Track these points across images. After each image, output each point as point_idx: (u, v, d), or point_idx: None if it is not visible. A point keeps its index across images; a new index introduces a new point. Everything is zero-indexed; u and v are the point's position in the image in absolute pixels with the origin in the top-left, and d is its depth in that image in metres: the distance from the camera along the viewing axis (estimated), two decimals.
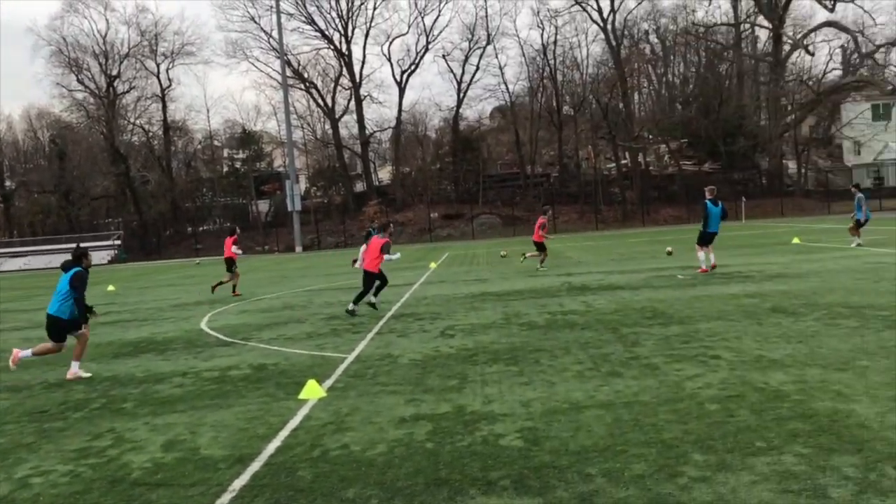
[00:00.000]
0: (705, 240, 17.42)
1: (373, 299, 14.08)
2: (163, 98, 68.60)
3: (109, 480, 5.45)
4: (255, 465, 5.55)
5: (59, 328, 9.52)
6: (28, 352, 9.71)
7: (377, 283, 14.06)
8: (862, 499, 4.22)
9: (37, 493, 5.30)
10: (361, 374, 8.57)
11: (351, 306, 13.81)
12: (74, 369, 9.54)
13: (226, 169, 75.11)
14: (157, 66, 68.31)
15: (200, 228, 68.76)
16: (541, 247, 22.04)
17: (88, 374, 9.60)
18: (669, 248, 23.16)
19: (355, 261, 21.25)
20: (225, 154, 77.83)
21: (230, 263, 19.92)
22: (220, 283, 20.47)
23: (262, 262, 42.63)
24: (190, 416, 7.22)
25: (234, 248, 19.94)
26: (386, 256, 13.65)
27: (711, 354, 8.27)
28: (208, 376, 9.10)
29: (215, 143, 76.92)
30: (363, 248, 16.64)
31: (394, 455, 5.56)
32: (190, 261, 50.92)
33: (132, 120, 70.92)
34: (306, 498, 4.85)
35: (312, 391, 7.58)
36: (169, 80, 68.74)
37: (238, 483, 5.19)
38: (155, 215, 68.06)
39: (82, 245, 13.19)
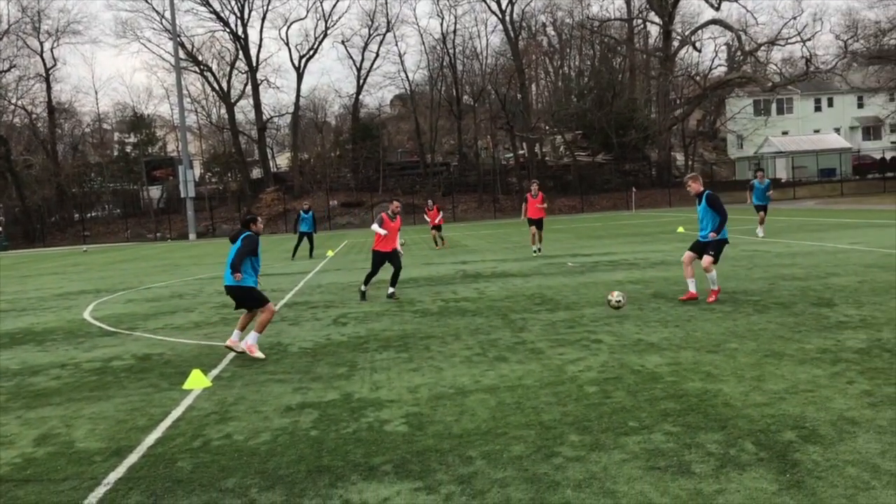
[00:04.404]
0: None
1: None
2: (47, 78, 65.16)
3: None
4: (133, 457, 5.42)
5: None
6: None
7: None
8: (722, 472, 4.48)
9: None
10: (249, 363, 8.45)
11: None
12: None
13: (116, 153, 72.19)
14: (41, 44, 64.77)
15: (88, 215, 65.94)
16: None
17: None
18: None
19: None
20: (115, 138, 74.80)
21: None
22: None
23: (154, 249, 41.21)
24: (66, 408, 6.97)
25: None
26: None
27: (594, 339, 8.57)
28: (88, 367, 8.79)
29: (104, 126, 73.84)
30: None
31: (277, 443, 5.54)
32: (77, 248, 48.77)
33: (13, 101, 67.11)
34: (184, 489, 4.77)
35: (197, 381, 7.44)
36: (54, 59, 65.31)
37: (113, 476, 5.06)
38: (39, 201, 64.72)
39: None
